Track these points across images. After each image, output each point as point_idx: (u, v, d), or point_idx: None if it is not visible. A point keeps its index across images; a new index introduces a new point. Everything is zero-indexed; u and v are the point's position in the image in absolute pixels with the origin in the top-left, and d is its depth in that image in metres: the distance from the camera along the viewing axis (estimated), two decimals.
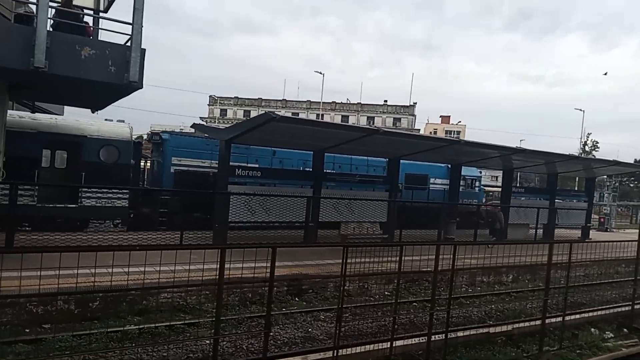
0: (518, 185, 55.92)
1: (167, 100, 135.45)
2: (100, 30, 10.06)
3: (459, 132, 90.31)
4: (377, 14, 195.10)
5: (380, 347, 7.17)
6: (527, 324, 9.64)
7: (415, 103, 69.46)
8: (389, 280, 12.45)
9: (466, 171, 25.58)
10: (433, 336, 7.60)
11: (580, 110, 53.19)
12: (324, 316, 9.80)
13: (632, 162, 61.88)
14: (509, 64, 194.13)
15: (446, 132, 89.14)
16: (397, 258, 7.19)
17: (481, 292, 12.96)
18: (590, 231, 24.26)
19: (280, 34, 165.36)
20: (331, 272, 11.06)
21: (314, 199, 14.75)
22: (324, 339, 8.47)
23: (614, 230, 31.44)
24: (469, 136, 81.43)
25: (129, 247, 6.37)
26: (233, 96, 66.95)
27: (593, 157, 46.48)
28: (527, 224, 22.01)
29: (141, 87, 8.90)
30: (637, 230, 33.84)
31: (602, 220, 30.21)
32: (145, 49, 8.75)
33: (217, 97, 64.10)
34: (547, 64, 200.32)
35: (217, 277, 5.51)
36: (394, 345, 6.87)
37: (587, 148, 64.72)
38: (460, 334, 8.90)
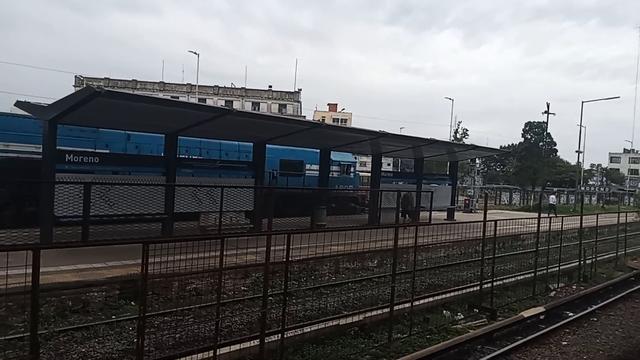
0: (400, 171, 58.58)
1: (31, 80, 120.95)
2: None
3: (345, 120, 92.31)
4: (267, 1, 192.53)
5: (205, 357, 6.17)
6: (378, 312, 9.27)
7: (300, 89, 69.46)
8: (246, 275, 11.56)
9: (341, 157, 25.57)
10: (269, 337, 6.79)
11: (450, 99, 56.51)
12: (158, 322, 8.61)
13: (497, 148, 67.91)
14: (392, 55, 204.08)
15: (333, 119, 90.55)
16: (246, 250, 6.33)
17: (326, 282, 12.49)
18: (455, 212, 25.56)
19: (165, 14, 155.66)
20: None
21: (168, 188, 13.28)
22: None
23: (478, 211, 33.75)
24: (355, 123, 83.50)
25: None
26: (103, 77, 61.34)
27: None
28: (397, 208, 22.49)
29: None
30: (498, 211, 36.85)
31: (467, 202, 32.25)
32: None
33: (84, 77, 58.16)
34: (426, 57, 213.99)
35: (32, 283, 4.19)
36: (217, 353, 5.88)
37: (458, 135, 69.72)
38: (308, 329, 8.24)
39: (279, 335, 6.69)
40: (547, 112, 42.72)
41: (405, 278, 13.26)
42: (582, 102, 44.98)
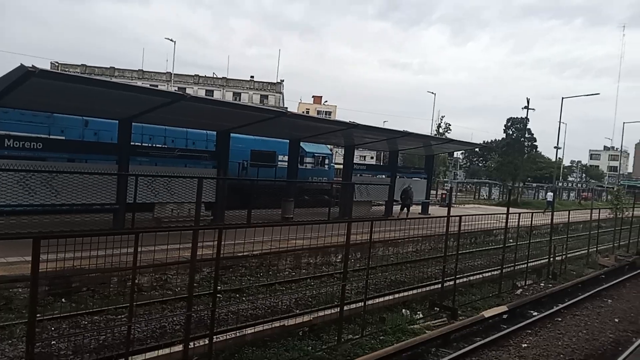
0: (383, 164, 58.07)
1: (8, 67, 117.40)
2: None
3: (329, 112, 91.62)
4: None
5: None
6: (329, 311, 8.72)
7: (283, 80, 68.34)
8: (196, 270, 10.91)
9: (315, 148, 24.94)
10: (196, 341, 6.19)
11: (432, 93, 56.14)
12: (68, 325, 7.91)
13: (480, 143, 67.94)
14: (381, 50, 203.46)
15: (318, 112, 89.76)
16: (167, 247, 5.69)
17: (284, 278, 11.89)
18: (432, 207, 25.15)
19: (152, 3, 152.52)
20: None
21: (120, 177, 12.54)
22: None
23: (455, 205, 33.48)
24: (339, 116, 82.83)
25: None
26: (80, 64, 59.67)
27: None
28: (370, 201, 22.01)
29: None
30: (476, 205, 36.63)
31: (444, 196, 31.91)
32: None
33: (60, 63, 56.49)
34: (414, 53, 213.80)
35: None
36: None
37: (440, 130, 69.49)
38: (250, 330, 7.65)
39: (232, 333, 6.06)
40: (526, 107, 42.59)
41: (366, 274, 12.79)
42: (562, 98, 44.89)
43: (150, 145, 17.78)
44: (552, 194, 41.47)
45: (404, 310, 10.21)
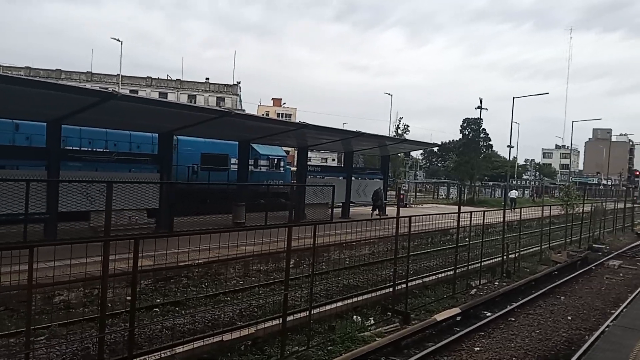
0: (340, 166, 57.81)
1: None
2: None
3: (289, 115, 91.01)
4: None
5: None
6: (273, 322, 8.13)
7: (239, 82, 67.19)
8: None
9: (269, 150, 24.28)
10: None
11: (389, 94, 56.52)
12: None
13: (438, 143, 68.84)
14: (339, 53, 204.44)
15: (278, 114, 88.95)
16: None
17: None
18: (388, 207, 24.89)
19: (103, 5, 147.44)
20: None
21: (49, 184, 11.54)
22: None
23: (413, 205, 33.53)
24: (299, 119, 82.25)
25: None
26: (24, 66, 56.68)
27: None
28: (326, 203, 21.52)
29: None
30: (434, 205, 36.84)
31: (402, 196, 31.80)
32: None
33: (2, 65, 53.47)
34: (372, 55, 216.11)
35: None
36: None
37: (399, 131, 70.06)
38: (181, 349, 6.95)
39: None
40: (479, 107, 43.33)
41: (319, 279, 12.28)
42: (513, 97, 45.89)
43: (90, 149, 16.72)
44: (515, 191, 42.45)
45: (355, 316, 9.73)
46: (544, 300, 11.98)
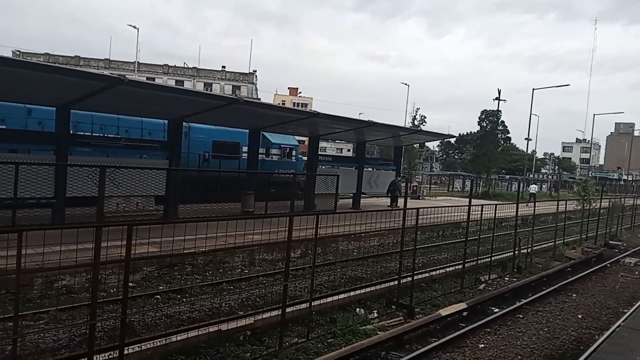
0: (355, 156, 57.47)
1: None
2: None
3: (305, 104, 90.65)
4: None
5: None
6: (273, 313, 8.02)
7: (255, 71, 67.06)
8: (135, 269, 10.07)
9: (282, 139, 24.15)
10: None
11: (406, 84, 55.77)
12: None
13: (456, 135, 67.77)
14: (358, 43, 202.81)
15: (293, 103, 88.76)
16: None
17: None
18: (400, 199, 24.60)
19: None
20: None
21: (58, 168, 11.56)
22: None
23: (426, 197, 33.17)
24: (315, 108, 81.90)
25: None
26: (43, 52, 57.33)
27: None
28: (334, 194, 21.34)
29: None
30: (448, 197, 36.41)
31: (414, 188, 31.53)
32: None
33: (22, 51, 54.16)
34: (391, 46, 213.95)
35: None
36: None
37: (415, 122, 69.27)
38: (178, 337, 6.89)
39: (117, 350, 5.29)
40: (498, 98, 42.51)
41: (325, 270, 12.17)
42: (533, 89, 44.92)
43: (101, 135, 16.77)
44: (535, 186, 41.61)
45: (358, 309, 9.59)
46: (554, 298, 11.68)
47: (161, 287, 9.78)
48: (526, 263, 14.64)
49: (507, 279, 13.32)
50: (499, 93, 40.92)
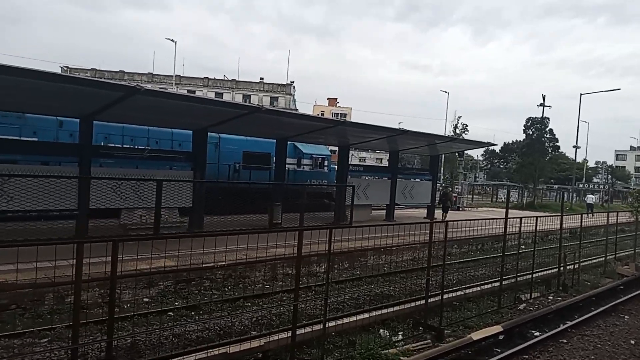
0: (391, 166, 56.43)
1: None
2: None
3: (345, 114, 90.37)
4: None
5: None
6: (283, 335, 7.45)
7: (293, 82, 67.28)
8: (150, 284, 9.77)
9: (313, 149, 23.74)
10: None
11: (446, 92, 54.40)
12: None
13: (501, 145, 65.25)
14: (400, 52, 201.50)
15: (332, 114, 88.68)
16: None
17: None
18: (437, 210, 23.62)
19: (173, 10, 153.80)
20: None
21: (81, 180, 11.50)
22: None
23: (466, 209, 31.82)
24: (354, 118, 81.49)
25: None
26: (90, 68, 59.70)
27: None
28: (369, 205, 20.65)
29: None
30: (490, 208, 34.85)
31: (454, 199, 30.27)
32: None
33: (70, 67, 56.57)
34: (434, 55, 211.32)
35: None
36: None
37: (457, 130, 67.44)
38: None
39: None
40: (542, 104, 40.58)
41: (348, 287, 11.50)
42: (581, 94, 42.72)
43: (132, 146, 16.82)
44: (592, 196, 39.29)
45: (382, 330, 8.88)
46: (604, 320, 10.53)
47: (177, 303, 9.43)
48: (573, 280, 13.44)
49: (551, 298, 12.22)
50: (544, 99, 39.18)
